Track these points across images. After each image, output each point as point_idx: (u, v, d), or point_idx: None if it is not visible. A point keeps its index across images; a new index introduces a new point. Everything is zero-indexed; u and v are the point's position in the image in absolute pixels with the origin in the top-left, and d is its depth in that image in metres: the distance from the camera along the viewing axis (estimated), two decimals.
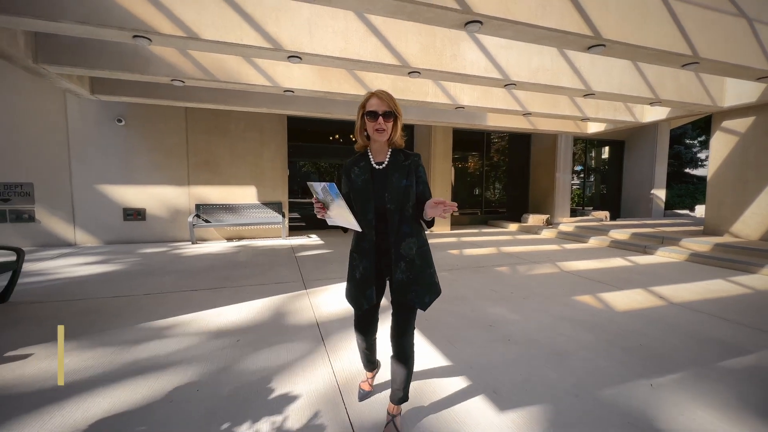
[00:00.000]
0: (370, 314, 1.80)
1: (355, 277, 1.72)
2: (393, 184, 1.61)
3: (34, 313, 3.35)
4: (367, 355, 1.96)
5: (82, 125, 6.95)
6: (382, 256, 1.68)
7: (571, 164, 11.11)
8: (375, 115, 1.58)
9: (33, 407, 1.94)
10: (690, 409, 1.99)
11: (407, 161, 1.65)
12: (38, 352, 2.58)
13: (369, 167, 1.67)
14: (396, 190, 1.60)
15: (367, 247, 1.66)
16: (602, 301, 3.81)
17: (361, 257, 1.69)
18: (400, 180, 1.61)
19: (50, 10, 3.33)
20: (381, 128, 1.58)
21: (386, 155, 1.67)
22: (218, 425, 1.80)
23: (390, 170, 1.64)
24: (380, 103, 1.58)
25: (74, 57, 4.60)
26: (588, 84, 5.43)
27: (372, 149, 1.69)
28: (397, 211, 1.61)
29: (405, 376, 1.73)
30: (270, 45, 3.95)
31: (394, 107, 1.60)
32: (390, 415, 1.78)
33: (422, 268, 1.67)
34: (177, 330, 3.00)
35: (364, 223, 1.63)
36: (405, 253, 1.63)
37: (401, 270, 1.63)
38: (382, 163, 1.66)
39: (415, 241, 1.65)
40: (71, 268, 5.18)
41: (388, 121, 1.59)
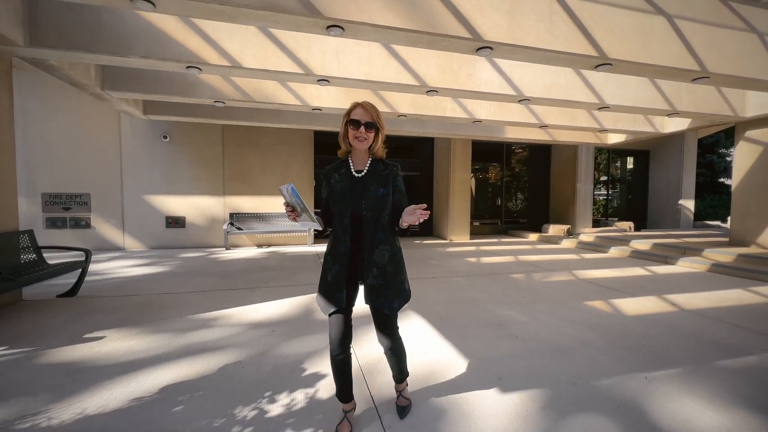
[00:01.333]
0: (342, 319, 1.74)
1: (327, 279, 1.74)
2: (370, 192, 1.68)
3: (101, 305, 3.89)
4: (340, 372, 1.78)
5: (133, 142, 7.74)
6: (355, 261, 1.72)
7: (592, 174, 11.08)
8: (357, 124, 1.66)
9: (114, 375, 2.38)
10: (679, 398, 2.19)
11: (386, 171, 1.73)
12: (109, 335, 3.06)
13: (349, 174, 1.74)
14: (373, 198, 1.68)
15: (341, 251, 1.70)
16: (612, 306, 3.97)
17: (334, 261, 1.72)
18: (377, 189, 1.69)
19: (121, 48, 3.94)
20: (362, 137, 1.66)
21: (366, 164, 1.75)
22: (262, 393, 2.17)
23: (369, 179, 1.71)
24: (364, 113, 1.67)
25: (133, 84, 5.28)
26: (602, 98, 5.63)
27: (353, 157, 1.77)
28: (373, 219, 1.68)
29: (399, 362, 1.90)
30: (302, 70, 4.44)
31: (376, 119, 1.68)
32: (398, 392, 2.03)
33: (393, 274, 1.73)
34: (220, 321, 3.43)
35: (340, 228, 1.70)
36: (378, 259, 1.69)
37: (373, 275, 1.69)
38: (362, 171, 1.74)
39: (388, 248, 1.72)
40: (123, 269, 5.81)
41: (370, 131, 1.67)
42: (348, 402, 1.86)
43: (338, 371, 1.79)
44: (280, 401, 2.09)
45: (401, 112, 6.32)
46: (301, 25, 3.26)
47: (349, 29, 3.30)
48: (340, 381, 1.80)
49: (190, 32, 4.06)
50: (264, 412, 1.98)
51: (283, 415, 1.96)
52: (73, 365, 2.52)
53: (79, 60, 4.08)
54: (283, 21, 3.17)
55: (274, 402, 2.08)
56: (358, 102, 1.71)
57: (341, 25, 3.22)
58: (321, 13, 3.08)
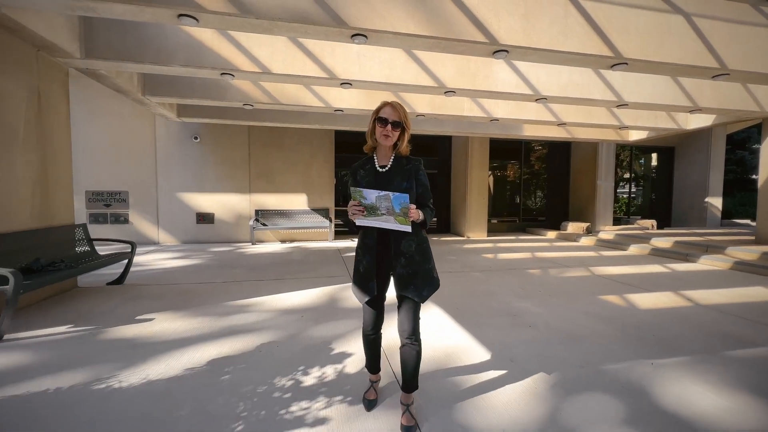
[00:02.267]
0: (375, 307, 1.87)
1: (359, 271, 1.84)
2: (394, 186, 1.76)
3: (146, 292, 4.28)
4: (372, 348, 1.98)
5: (167, 143, 8.24)
6: (385, 252, 1.82)
7: (613, 171, 10.94)
8: (385, 122, 1.74)
9: (166, 350, 2.71)
10: (683, 382, 2.32)
11: (408, 165, 1.82)
12: (158, 317, 3.42)
13: (373, 170, 1.83)
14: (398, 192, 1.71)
15: (370, 243, 1.80)
16: (627, 301, 4.07)
17: (364, 253, 1.82)
18: (401, 183, 1.77)
19: (163, 58, 4.31)
20: (387, 134, 1.75)
21: (389, 160, 1.83)
22: (296, 367, 2.45)
23: (392, 173, 1.80)
24: (392, 112, 1.75)
25: (170, 89, 5.69)
26: (620, 95, 5.66)
27: (378, 153, 1.86)
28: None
29: (414, 365, 1.84)
30: (326, 75, 4.71)
31: (403, 119, 1.76)
32: (404, 405, 1.88)
33: (421, 263, 1.80)
34: (254, 308, 3.74)
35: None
36: (405, 249, 1.77)
37: (401, 265, 1.77)
38: (385, 167, 1.82)
39: (414, 238, 1.78)
40: (160, 261, 6.26)
41: (396, 129, 1.75)
42: (376, 373, 2.08)
43: (369, 348, 1.99)
44: (312, 374, 2.36)
45: (420, 112, 6.51)
46: (328, 35, 3.52)
47: (372, 37, 3.53)
48: (371, 355, 2.01)
49: (224, 42, 4.39)
50: (299, 382, 2.26)
51: (316, 385, 2.23)
52: (130, 341, 2.87)
53: (126, 69, 4.49)
54: (312, 32, 3.43)
55: (308, 374, 2.35)
56: (388, 101, 1.80)
57: (365, 33, 3.45)
58: (346, 24, 3.32)
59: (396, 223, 1.69)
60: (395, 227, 1.70)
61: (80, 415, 1.91)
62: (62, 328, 3.12)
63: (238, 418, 1.90)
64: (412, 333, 1.82)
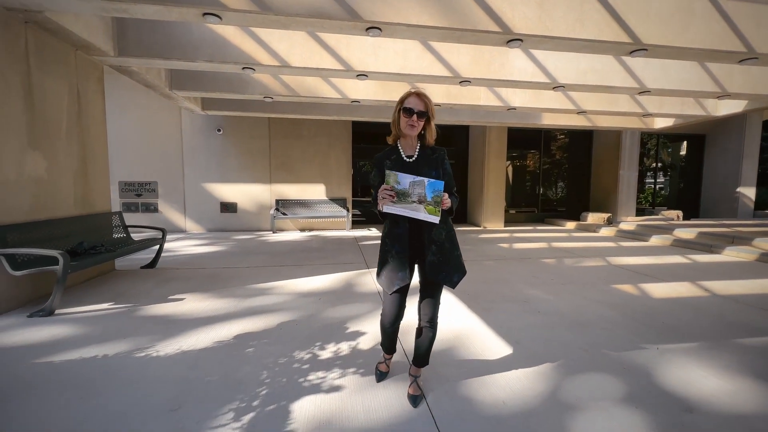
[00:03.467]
0: (399, 298, 1.87)
1: (388, 260, 1.84)
2: (424, 176, 1.74)
3: (176, 275, 4.60)
4: (390, 338, 2.03)
5: (192, 135, 8.60)
6: (413, 242, 1.83)
7: (637, 161, 10.63)
8: (410, 112, 1.73)
9: (196, 326, 2.97)
10: (687, 366, 2.38)
11: (434, 155, 1.83)
12: (188, 298, 3.70)
13: (400, 160, 1.83)
14: None
15: (401, 232, 1.80)
16: (640, 290, 4.07)
17: (393, 242, 1.82)
18: (430, 172, 1.77)
19: (189, 54, 4.54)
20: (413, 124, 1.74)
21: (415, 150, 1.84)
22: (314, 343, 2.64)
23: (420, 163, 1.81)
24: (418, 102, 1.75)
25: (196, 84, 5.96)
26: (642, 82, 5.51)
27: (402, 143, 1.86)
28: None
29: (428, 347, 1.94)
30: (342, 67, 4.82)
31: (429, 109, 1.77)
32: (413, 377, 2.01)
33: (451, 250, 1.83)
34: (274, 291, 3.98)
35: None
36: (436, 237, 1.79)
37: (433, 252, 1.78)
38: (412, 157, 1.83)
39: (444, 226, 1.80)
40: (188, 247, 6.64)
41: (421, 119, 1.75)
42: (391, 354, 2.18)
43: (388, 337, 2.04)
44: (328, 349, 2.55)
45: (435, 102, 6.54)
46: (343, 29, 3.63)
47: (386, 30, 3.62)
48: (389, 342, 2.08)
49: (246, 37, 4.57)
50: (317, 356, 2.45)
51: (332, 359, 2.42)
52: (164, 317, 3.15)
53: (155, 66, 4.75)
54: (328, 26, 3.55)
55: (324, 349, 2.55)
56: (413, 90, 1.79)
57: (379, 26, 3.54)
58: (361, 17, 3.42)
59: (425, 213, 1.66)
60: (423, 217, 1.67)
61: (124, 377, 2.17)
62: (104, 305, 3.44)
63: (262, 384, 2.11)
64: (432, 318, 1.90)
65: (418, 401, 1.94)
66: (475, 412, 1.87)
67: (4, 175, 3.27)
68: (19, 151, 3.43)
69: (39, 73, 3.65)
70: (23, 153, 3.48)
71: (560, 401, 1.97)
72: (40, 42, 3.64)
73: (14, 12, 3.31)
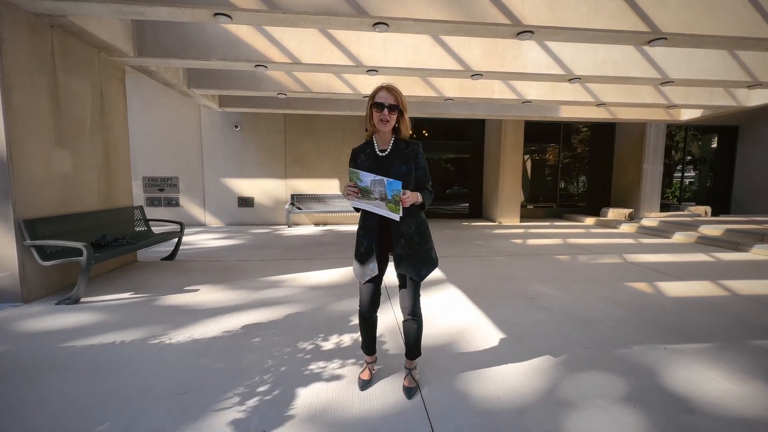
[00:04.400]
0: (372, 287, 1.91)
1: (360, 251, 1.88)
2: (395, 171, 1.78)
3: (193, 267, 4.79)
4: (368, 330, 2.02)
5: (211, 132, 8.86)
6: (385, 234, 1.86)
7: (662, 154, 10.20)
8: (381, 107, 1.75)
9: (208, 315, 3.10)
10: (695, 367, 2.31)
11: (408, 149, 1.84)
12: (202, 289, 3.86)
13: (373, 154, 1.85)
14: (396, 175, 1.75)
15: (371, 225, 1.85)
16: (655, 288, 3.95)
17: (365, 234, 1.87)
18: (401, 166, 1.80)
19: (203, 53, 4.67)
20: (385, 119, 1.75)
21: (389, 144, 1.85)
22: (317, 334, 2.72)
23: (392, 157, 1.82)
24: (388, 96, 1.76)
25: (212, 81, 6.13)
26: (664, 72, 5.29)
27: (377, 137, 1.87)
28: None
29: (416, 336, 1.96)
30: (353, 63, 4.85)
31: (399, 102, 1.77)
32: (407, 369, 2.04)
33: (420, 244, 1.85)
34: (285, 283, 4.09)
35: None
36: (405, 231, 1.82)
37: (401, 246, 1.82)
38: (385, 151, 1.84)
39: (413, 221, 1.84)
40: (206, 240, 6.88)
41: (393, 113, 1.76)
42: (371, 355, 2.11)
43: (366, 329, 2.03)
44: (331, 341, 2.63)
45: (448, 96, 6.48)
46: (350, 25, 3.66)
47: (393, 25, 3.62)
48: (367, 336, 2.05)
49: (258, 36, 4.66)
50: (319, 347, 2.53)
51: (333, 350, 2.49)
52: (179, 307, 3.31)
53: (172, 65, 4.92)
54: (335, 22, 3.58)
55: (327, 341, 2.62)
56: (383, 85, 1.78)
57: (386, 21, 3.55)
58: (367, 13, 3.43)
59: (386, 210, 1.69)
60: (385, 213, 1.71)
61: (139, 362, 2.31)
62: (125, 295, 3.64)
63: (266, 371, 2.20)
64: (413, 309, 1.91)
65: (412, 393, 1.97)
66: (468, 406, 1.90)
67: (33, 172, 3.49)
68: (47, 150, 3.65)
69: (64, 74, 3.85)
70: (51, 151, 3.70)
71: (556, 398, 1.97)
72: (65, 45, 3.84)
73: (41, 17, 3.51)
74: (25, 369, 2.23)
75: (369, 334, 2.05)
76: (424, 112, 8.13)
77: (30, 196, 3.45)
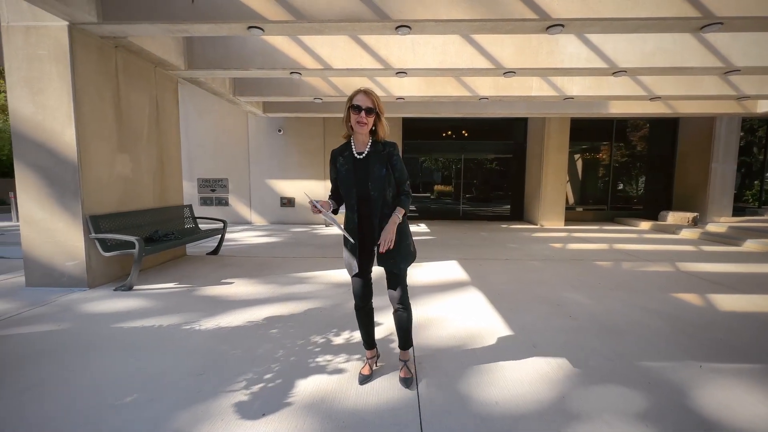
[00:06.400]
0: (361, 280, 2.01)
1: (347, 249, 2.00)
2: (374, 174, 1.85)
3: (233, 262, 5.18)
4: (364, 321, 2.10)
5: (257, 136, 9.45)
6: (367, 233, 1.95)
7: (736, 152, 9.06)
8: (358, 109, 1.79)
9: (237, 306, 3.36)
10: (732, 389, 2.07)
11: (385, 150, 1.89)
12: (237, 282, 4.17)
13: (351, 157, 1.90)
14: (378, 179, 1.86)
15: (351, 227, 1.94)
16: (706, 300, 3.56)
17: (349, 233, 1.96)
18: (380, 169, 1.86)
19: (244, 63, 5.04)
20: (362, 121, 1.80)
21: (366, 146, 1.90)
22: (331, 329, 2.84)
23: (370, 160, 1.88)
24: (365, 99, 1.80)
25: (255, 89, 6.56)
26: (728, 60, 4.73)
27: (355, 139, 1.92)
28: (379, 197, 1.88)
29: (406, 327, 2.05)
30: (382, 66, 4.95)
31: (376, 105, 1.82)
32: (402, 361, 2.13)
33: (399, 241, 1.92)
34: (311, 279, 4.28)
35: (348, 207, 1.93)
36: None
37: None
38: (362, 153, 1.89)
39: None
40: (249, 238, 7.36)
41: (370, 116, 1.81)
42: (371, 349, 2.18)
43: (361, 320, 2.12)
44: (342, 336, 2.72)
45: (482, 94, 6.34)
46: (374, 29, 3.75)
47: (415, 27, 3.65)
48: (364, 329, 2.12)
49: (292, 45, 4.93)
50: (330, 341, 2.64)
51: (342, 345, 2.58)
52: (213, 298, 3.61)
53: (217, 75, 5.36)
54: (359, 28, 3.70)
55: (338, 336, 2.72)
56: (360, 89, 1.84)
57: (408, 24, 3.59)
58: (389, 17, 3.50)
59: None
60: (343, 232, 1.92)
61: (170, 345, 2.58)
62: (171, 285, 4.04)
63: (276, 360, 2.35)
64: (401, 300, 2.02)
65: (409, 383, 2.05)
66: (463, 408, 1.88)
67: (99, 174, 4.01)
68: (110, 155, 4.17)
69: (126, 87, 4.37)
70: (114, 155, 4.22)
71: (558, 408, 1.88)
72: (126, 62, 4.36)
73: (106, 39, 4.02)
74: (79, 344, 2.58)
75: (365, 325, 2.13)
76: (460, 112, 8.00)
77: (96, 194, 3.97)
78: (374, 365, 2.22)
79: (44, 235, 3.80)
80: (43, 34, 3.63)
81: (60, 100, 3.68)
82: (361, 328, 2.16)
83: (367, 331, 2.15)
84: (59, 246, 3.82)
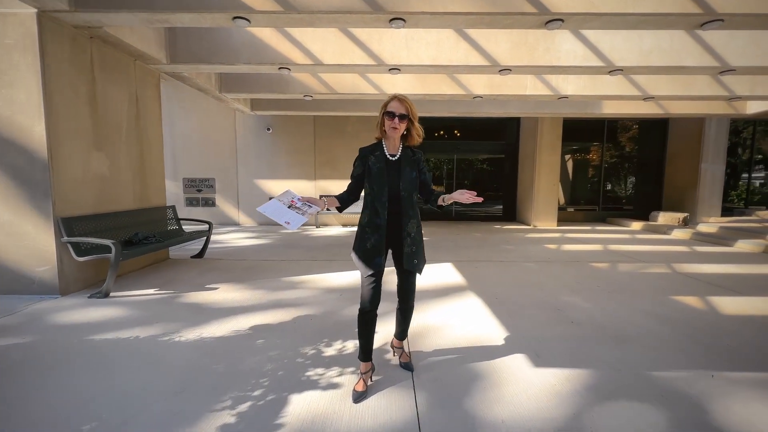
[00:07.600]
0: (375, 282, 1.98)
1: (366, 246, 1.97)
2: (406, 176, 1.96)
3: (218, 266, 4.94)
4: (366, 327, 2.02)
5: (245, 134, 9.18)
6: (391, 232, 1.99)
7: (725, 153, 9.15)
8: (392, 115, 1.90)
9: (221, 315, 3.14)
10: (750, 401, 1.96)
11: (414, 156, 2.03)
12: (222, 287, 3.95)
13: (383, 157, 1.98)
14: (409, 181, 1.97)
15: (380, 223, 1.95)
16: (708, 304, 3.48)
17: (372, 231, 1.96)
18: (411, 172, 1.99)
19: (230, 57, 4.81)
20: (395, 126, 1.91)
21: (398, 150, 2.01)
22: (322, 339, 2.65)
23: (403, 163, 1.99)
24: (399, 106, 1.91)
25: (242, 86, 6.32)
26: (724, 59, 4.70)
27: (387, 142, 2.01)
28: (408, 197, 1.97)
29: (407, 321, 2.21)
30: (374, 62, 4.77)
31: (409, 111, 1.92)
32: (401, 348, 2.34)
33: (419, 243, 2.03)
34: (302, 285, 4.09)
35: (378, 204, 1.94)
36: (410, 230, 1.99)
37: (408, 244, 1.98)
38: (395, 156, 1.99)
39: (416, 221, 2.02)
40: (237, 240, 7.11)
41: (403, 122, 1.92)
42: (368, 361, 2.05)
43: (365, 326, 2.01)
44: (334, 346, 2.54)
45: (477, 93, 6.22)
46: (366, 22, 3.58)
47: (410, 20, 3.49)
48: (366, 338, 2.02)
49: (281, 39, 4.72)
50: (321, 352, 2.46)
51: (334, 356, 2.40)
52: (196, 305, 3.39)
53: (202, 70, 5.12)
54: (352, 20, 3.52)
55: (330, 346, 2.54)
56: (395, 95, 1.95)
57: (402, 16, 3.43)
58: (383, 9, 3.33)
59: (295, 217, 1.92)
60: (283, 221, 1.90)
61: (148, 358, 2.36)
62: (151, 291, 3.80)
63: (264, 375, 2.16)
64: (410, 299, 2.14)
65: (411, 366, 2.26)
66: (468, 428, 1.73)
67: (72, 173, 3.75)
68: (85, 152, 3.91)
69: (102, 81, 4.11)
70: (89, 153, 3.96)
71: (567, 426, 1.74)
72: (102, 54, 4.10)
73: (81, 29, 3.76)
74: (44, 359, 2.35)
75: (367, 333, 2.04)
76: (453, 111, 7.88)
77: (69, 195, 3.71)
78: (369, 380, 2.07)
79: (12, 239, 3.53)
80: (10, 21, 3.36)
81: (29, 93, 3.41)
82: (361, 337, 2.05)
83: (368, 339, 2.05)
84: (28, 250, 3.55)
